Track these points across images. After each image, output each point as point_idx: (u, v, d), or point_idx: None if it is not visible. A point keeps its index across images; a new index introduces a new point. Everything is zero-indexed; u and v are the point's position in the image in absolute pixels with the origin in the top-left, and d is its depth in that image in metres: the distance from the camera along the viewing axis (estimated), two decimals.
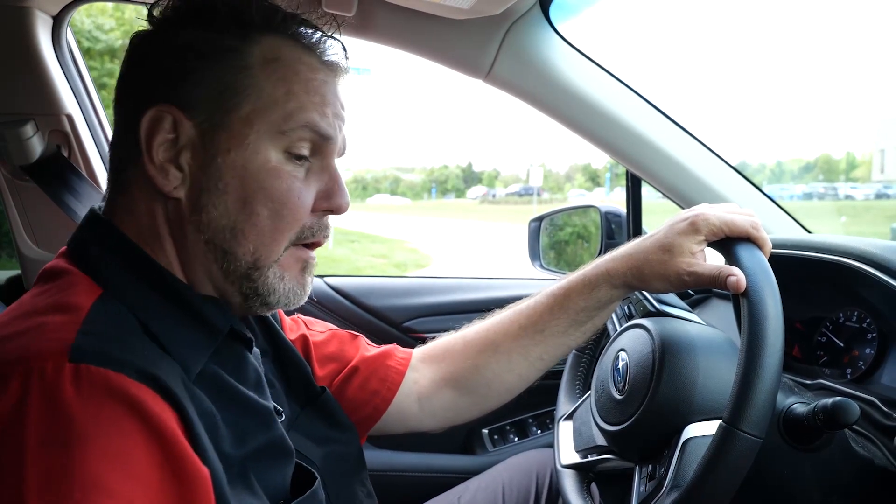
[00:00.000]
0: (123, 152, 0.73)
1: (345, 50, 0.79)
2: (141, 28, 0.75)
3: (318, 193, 0.76)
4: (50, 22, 1.36)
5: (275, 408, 0.81)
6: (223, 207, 0.71)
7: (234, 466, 0.65)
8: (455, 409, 1.08)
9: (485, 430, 1.65)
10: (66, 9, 1.37)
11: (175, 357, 0.65)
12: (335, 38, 0.79)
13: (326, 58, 0.78)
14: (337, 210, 0.78)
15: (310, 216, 0.76)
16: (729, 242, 0.89)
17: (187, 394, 0.62)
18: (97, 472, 0.52)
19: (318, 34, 0.77)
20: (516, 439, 1.65)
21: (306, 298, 0.79)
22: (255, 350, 0.82)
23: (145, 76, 0.72)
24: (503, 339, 1.04)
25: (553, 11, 1.28)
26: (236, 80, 0.71)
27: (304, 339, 1.01)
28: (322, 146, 0.76)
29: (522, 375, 1.04)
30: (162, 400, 0.58)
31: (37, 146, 1.36)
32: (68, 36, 1.43)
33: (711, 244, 0.93)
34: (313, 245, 0.79)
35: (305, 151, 0.74)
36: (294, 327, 1.02)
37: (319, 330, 1.05)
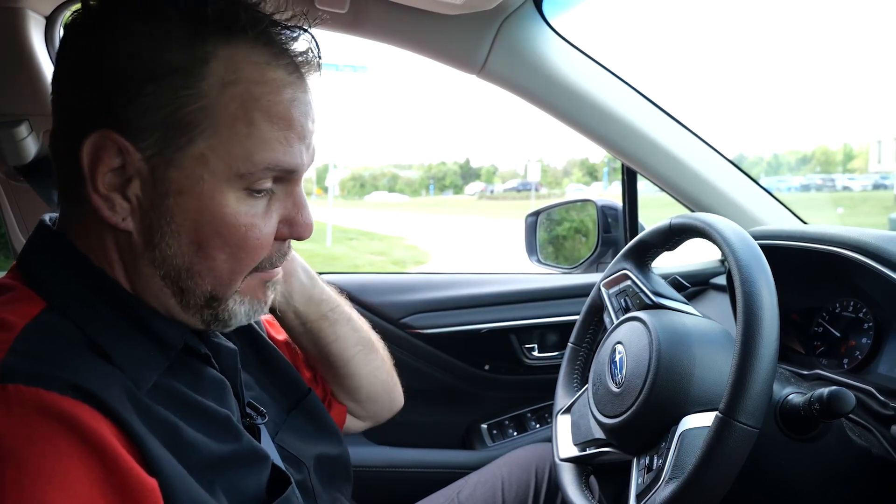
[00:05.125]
0: (66, 170, 0.66)
1: (317, 44, 0.71)
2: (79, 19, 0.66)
3: (280, 219, 0.70)
4: (43, 22, 1.36)
5: (255, 409, 0.80)
6: (177, 248, 0.65)
7: (202, 475, 0.63)
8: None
9: (483, 426, 1.65)
10: (59, 9, 1.36)
11: (125, 372, 0.62)
12: (304, 30, 0.70)
13: (296, 59, 0.69)
14: (298, 238, 0.72)
15: (270, 247, 0.70)
16: (717, 232, 0.89)
17: (133, 407, 0.59)
18: (32, 495, 0.51)
19: (287, 31, 0.68)
20: (515, 434, 1.65)
21: (267, 311, 0.76)
22: (233, 349, 0.80)
23: (86, 90, 0.64)
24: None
25: (546, 6, 1.28)
26: (189, 113, 0.62)
27: (289, 341, 1.00)
28: (287, 176, 0.69)
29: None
30: (99, 415, 0.56)
31: (31, 147, 1.35)
32: (61, 36, 1.42)
33: (705, 237, 0.93)
34: (270, 269, 0.74)
35: (268, 185, 0.67)
36: (279, 328, 1.00)
37: None
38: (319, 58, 0.71)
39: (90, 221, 0.67)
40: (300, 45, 0.69)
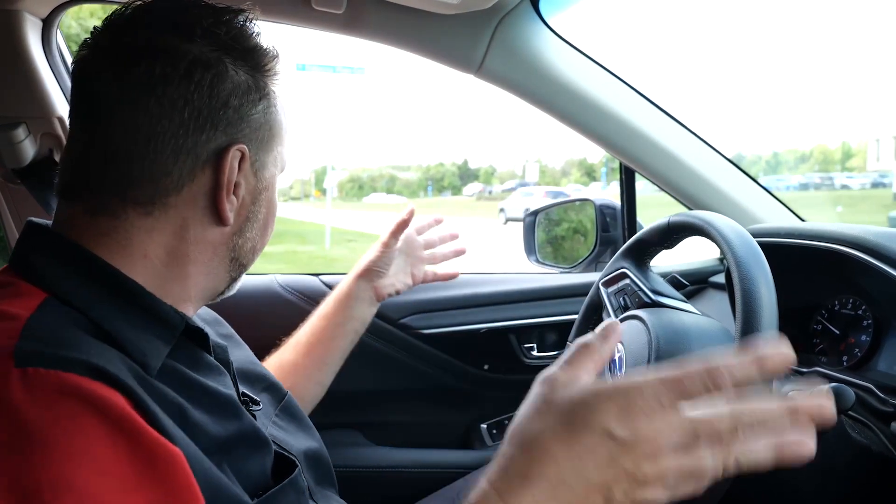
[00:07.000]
0: (170, 178, 0.71)
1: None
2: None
3: None
4: (39, 24, 1.35)
5: (250, 398, 0.83)
6: (254, 232, 0.80)
7: (211, 456, 0.65)
8: None
9: (483, 425, 1.65)
10: (56, 11, 1.36)
11: (132, 354, 0.64)
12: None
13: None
14: None
15: None
16: (716, 229, 0.89)
17: (143, 387, 0.61)
18: (63, 474, 0.52)
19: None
20: None
21: None
22: (223, 344, 0.83)
23: (209, 110, 0.72)
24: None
25: (543, 5, 1.28)
26: (273, 123, 0.78)
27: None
28: None
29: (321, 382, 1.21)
30: (116, 392, 0.58)
31: (29, 149, 1.35)
32: (58, 38, 1.42)
33: (704, 234, 0.93)
34: None
35: None
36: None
37: None
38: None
39: (167, 225, 0.72)
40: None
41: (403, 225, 1.25)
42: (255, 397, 0.85)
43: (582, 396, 0.53)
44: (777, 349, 0.51)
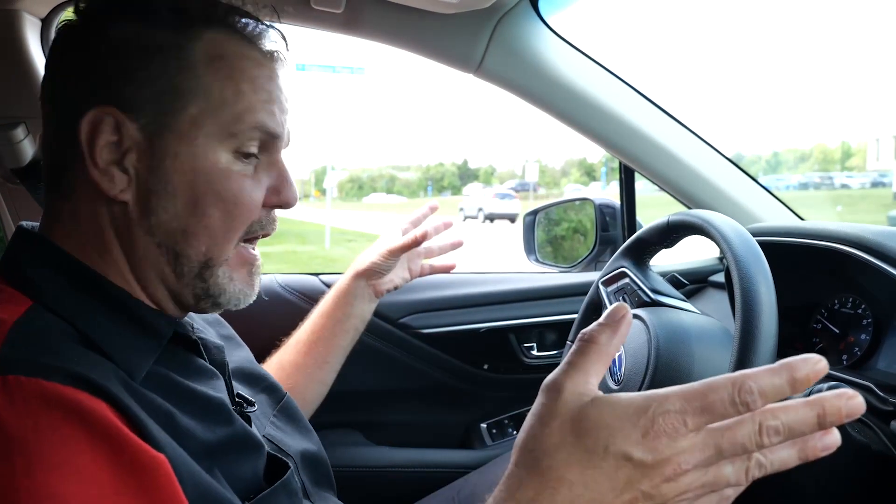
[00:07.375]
0: (60, 156, 0.69)
1: (284, 39, 0.77)
2: (69, 19, 0.71)
3: (268, 189, 0.75)
4: (38, 24, 1.35)
5: (244, 399, 0.82)
6: (173, 210, 0.69)
7: (201, 461, 0.64)
8: None
9: (483, 425, 1.65)
10: (55, 11, 1.36)
11: (118, 362, 0.63)
12: (274, 28, 0.76)
13: (268, 49, 0.75)
14: (286, 205, 0.77)
15: (260, 211, 0.75)
16: (715, 228, 0.89)
17: (129, 394, 0.60)
18: (44, 483, 0.51)
19: (260, 25, 0.75)
20: (515, 433, 1.64)
21: (254, 297, 0.78)
22: (220, 344, 0.82)
23: (79, 74, 0.68)
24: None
25: (542, 4, 1.28)
26: (181, 81, 0.68)
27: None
28: (270, 143, 0.74)
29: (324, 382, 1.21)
30: (99, 400, 0.57)
31: (28, 149, 1.35)
32: (54, 37, 1.42)
33: (703, 233, 0.93)
34: (262, 236, 0.78)
35: (254, 149, 0.72)
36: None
37: None
38: (287, 49, 0.78)
39: (83, 204, 0.69)
40: (271, 39, 0.76)
41: (415, 244, 1.23)
42: (251, 398, 0.84)
43: (599, 417, 0.48)
44: (809, 360, 0.47)
